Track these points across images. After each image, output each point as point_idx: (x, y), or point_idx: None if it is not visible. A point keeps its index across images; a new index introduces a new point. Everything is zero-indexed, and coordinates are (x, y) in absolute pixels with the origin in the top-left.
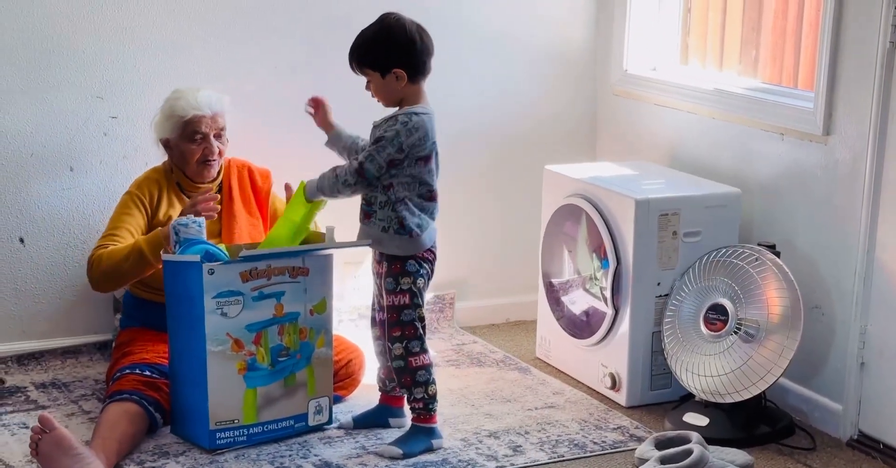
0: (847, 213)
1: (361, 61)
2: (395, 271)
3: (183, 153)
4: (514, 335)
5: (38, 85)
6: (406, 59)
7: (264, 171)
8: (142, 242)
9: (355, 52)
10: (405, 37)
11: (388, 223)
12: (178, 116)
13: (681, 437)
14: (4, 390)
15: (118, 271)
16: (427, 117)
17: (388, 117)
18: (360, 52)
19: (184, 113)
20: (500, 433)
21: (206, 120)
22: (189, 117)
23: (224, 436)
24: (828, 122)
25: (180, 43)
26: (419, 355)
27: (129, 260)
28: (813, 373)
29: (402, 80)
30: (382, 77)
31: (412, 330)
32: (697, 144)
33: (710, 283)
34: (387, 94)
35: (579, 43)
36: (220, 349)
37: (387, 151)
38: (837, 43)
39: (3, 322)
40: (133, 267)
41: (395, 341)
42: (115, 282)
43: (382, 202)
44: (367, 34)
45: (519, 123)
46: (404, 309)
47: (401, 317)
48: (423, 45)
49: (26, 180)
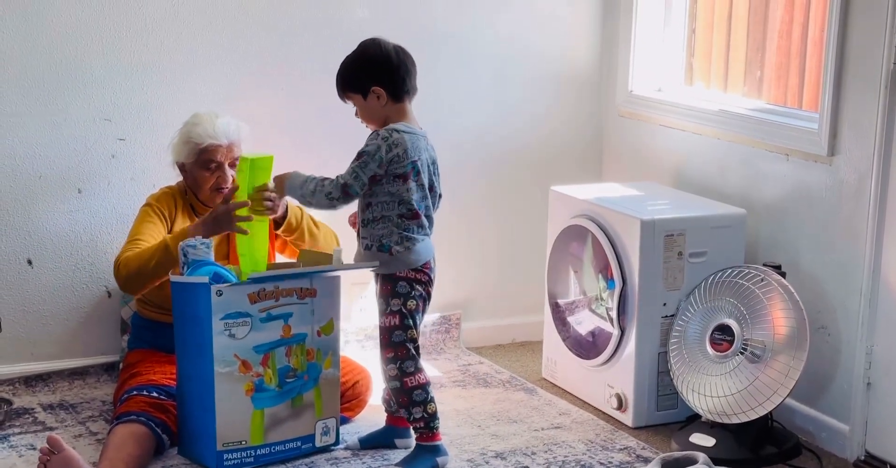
0: (852, 234)
1: (343, 86)
2: (384, 292)
3: (196, 179)
4: (520, 356)
5: (47, 107)
6: (383, 77)
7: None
8: (168, 239)
9: (338, 79)
10: (380, 54)
11: (370, 241)
12: (195, 143)
13: (687, 458)
14: (12, 412)
15: (145, 270)
16: (409, 136)
17: (371, 133)
18: (341, 78)
19: (200, 140)
20: (507, 454)
21: (221, 149)
22: (205, 145)
23: (231, 458)
24: (833, 143)
25: (187, 65)
26: (414, 375)
27: (155, 258)
28: (819, 394)
29: (382, 98)
30: (364, 98)
31: (404, 351)
32: (703, 165)
33: (715, 304)
34: (370, 115)
35: (585, 64)
36: (228, 370)
37: (369, 167)
38: (842, 64)
39: (11, 343)
40: (160, 265)
41: (388, 362)
42: (142, 282)
43: (366, 220)
44: (346, 60)
45: (524, 144)
46: (394, 330)
47: (392, 338)
48: (400, 62)
49: (34, 202)
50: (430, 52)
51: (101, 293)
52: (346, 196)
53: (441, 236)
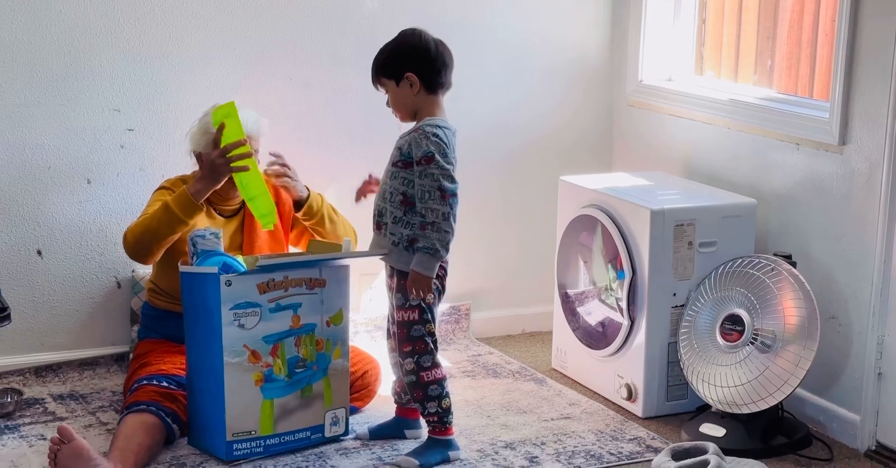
0: (863, 223)
1: (378, 70)
2: (404, 286)
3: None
4: (529, 346)
5: (56, 98)
6: (418, 65)
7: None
8: (169, 200)
9: (374, 64)
10: (419, 43)
11: (398, 238)
12: (214, 133)
13: (697, 448)
14: (22, 402)
15: (149, 233)
16: (448, 132)
17: (413, 130)
18: (377, 62)
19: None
20: (517, 444)
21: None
22: None
23: (241, 448)
24: (843, 132)
25: (197, 55)
26: (431, 370)
27: (156, 218)
28: (830, 384)
29: (416, 86)
30: (397, 84)
31: (422, 345)
32: (713, 155)
33: (725, 294)
34: (401, 103)
35: (595, 54)
36: (237, 360)
37: (447, 160)
38: (853, 52)
39: (22, 334)
40: (163, 226)
41: (406, 356)
42: (148, 245)
43: (396, 217)
44: (385, 46)
45: (534, 134)
46: (414, 324)
47: (410, 333)
48: (438, 54)
49: (44, 193)
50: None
51: (110, 283)
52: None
53: None
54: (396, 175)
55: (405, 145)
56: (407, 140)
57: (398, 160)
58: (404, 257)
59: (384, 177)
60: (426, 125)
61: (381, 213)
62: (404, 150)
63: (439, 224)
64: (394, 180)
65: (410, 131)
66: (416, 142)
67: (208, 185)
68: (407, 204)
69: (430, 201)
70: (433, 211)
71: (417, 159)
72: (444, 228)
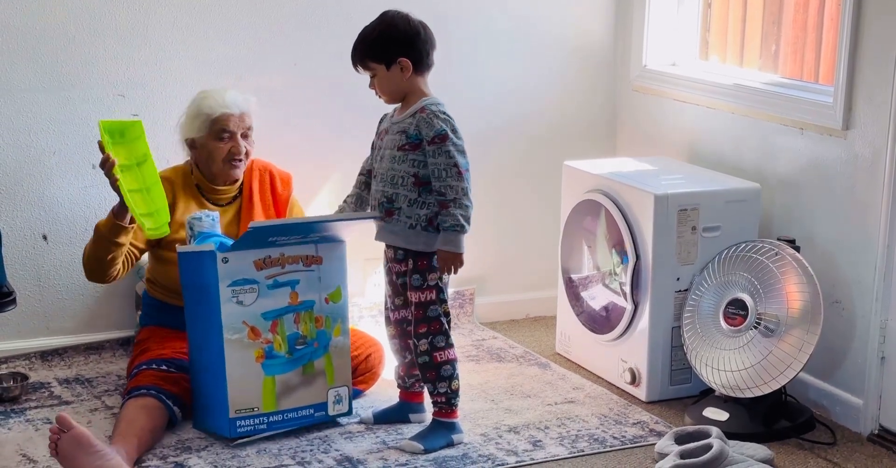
0: (867, 208)
1: (365, 55)
2: (421, 267)
3: (210, 152)
4: (533, 331)
5: (61, 83)
6: (410, 49)
7: (285, 176)
8: (99, 222)
9: (358, 48)
10: (408, 27)
11: (415, 220)
12: (206, 114)
13: (701, 432)
14: (28, 386)
15: (90, 256)
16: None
17: (418, 110)
18: (364, 47)
19: (211, 111)
20: (520, 428)
21: (234, 118)
22: (217, 115)
23: (244, 424)
24: (847, 117)
25: (201, 40)
26: (444, 350)
27: (93, 241)
28: (833, 368)
29: (408, 70)
30: (387, 69)
31: (437, 325)
32: (717, 139)
33: (729, 278)
34: (392, 87)
35: (599, 38)
36: (237, 337)
37: (458, 136)
38: (857, 37)
39: (27, 318)
40: (98, 248)
41: (420, 337)
42: (95, 267)
43: (411, 200)
44: (369, 29)
45: (538, 119)
46: (430, 305)
47: (427, 313)
48: (427, 36)
49: (49, 177)
50: (443, 27)
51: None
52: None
53: None
54: (404, 158)
55: (410, 127)
56: (412, 122)
57: (405, 143)
58: (422, 238)
59: (385, 163)
60: (429, 104)
61: (392, 198)
62: (410, 132)
63: (460, 200)
64: (402, 164)
65: (411, 113)
66: (427, 122)
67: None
68: (420, 184)
69: (448, 179)
70: (452, 188)
71: (430, 139)
72: (464, 203)
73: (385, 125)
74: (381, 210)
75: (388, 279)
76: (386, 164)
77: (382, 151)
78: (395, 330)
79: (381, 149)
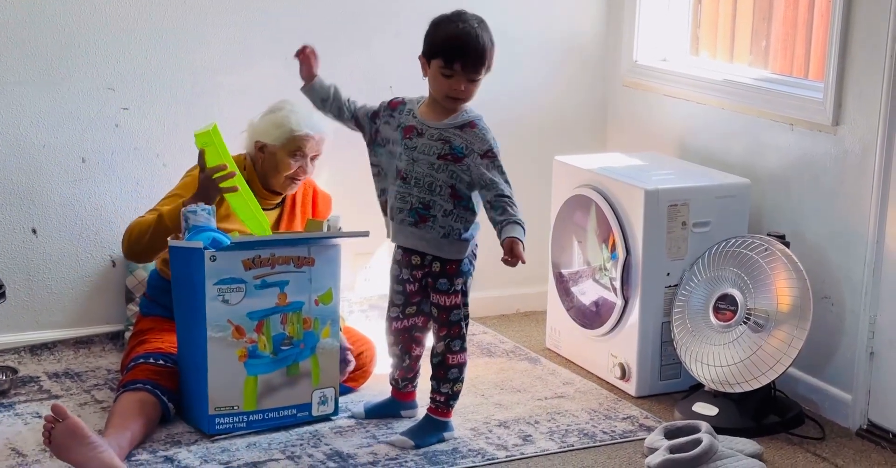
0: (856, 203)
1: (489, 61)
2: (450, 272)
3: (278, 163)
4: (523, 326)
5: (50, 76)
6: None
7: (327, 197)
8: (164, 212)
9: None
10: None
11: (448, 230)
12: (290, 129)
13: (690, 427)
14: (17, 380)
15: (142, 240)
16: None
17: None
18: (489, 54)
19: (298, 128)
20: (510, 423)
21: (312, 141)
22: (301, 134)
23: (223, 422)
24: (837, 113)
25: (192, 34)
26: (458, 354)
27: (152, 228)
28: (822, 363)
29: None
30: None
31: (457, 329)
32: (707, 135)
33: (719, 274)
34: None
35: (589, 34)
36: (221, 335)
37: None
38: (847, 33)
39: (17, 312)
40: (156, 237)
41: (439, 340)
42: (142, 251)
43: (447, 211)
44: (487, 36)
45: (528, 114)
46: (454, 309)
47: (450, 317)
48: None
49: (38, 171)
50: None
51: (105, 262)
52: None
53: None
54: (443, 168)
55: (456, 139)
56: (460, 135)
57: (447, 153)
58: (455, 246)
59: (422, 168)
60: (477, 120)
61: (429, 205)
62: (456, 145)
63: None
64: (441, 173)
65: (458, 125)
66: (480, 138)
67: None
68: (455, 197)
69: (502, 188)
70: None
71: (482, 152)
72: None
73: (411, 122)
74: (412, 214)
75: (402, 287)
76: (423, 169)
77: (415, 154)
78: (401, 337)
79: (412, 150)
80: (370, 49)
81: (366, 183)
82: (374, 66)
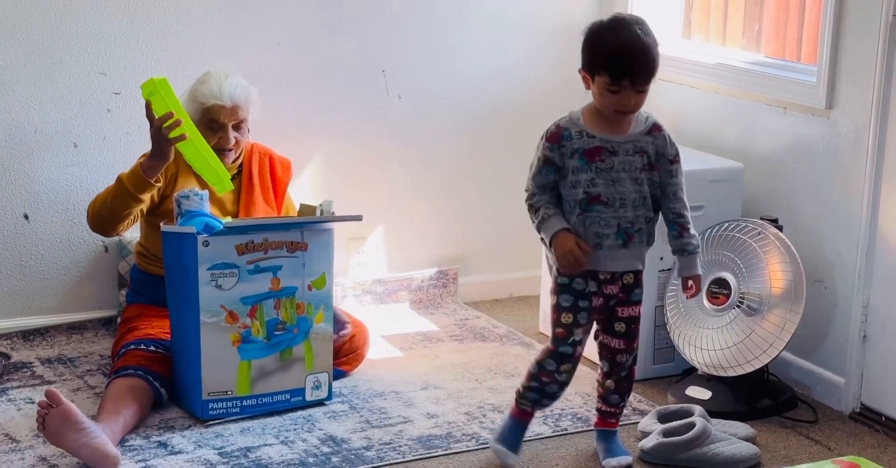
0: (850, 187)
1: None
2: (641, 282)
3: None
4: (517, 310)
5: (42, 61)
6: None
7: (285, 162)
8: (123, 175)
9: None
10: None
11: (649, 237)
12: (199, 102)
13: (683, 411)
14: (10, 366)
15: (104, 207)
16: None
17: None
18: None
19: (203, 100)
20: (504, 407)
21: (224, 110)
22: (208, 105)
23: (217, 407)
24: (830, 96)
25: (183, 19)
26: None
27: (112, 193)
28: (815, 347)
29: None
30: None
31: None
32: (700, 119)
33: (712, 257)
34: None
35: (582, 18)
36: (214, 320)
37: None
38: (840, 16)
39: (9, 298)
40: (116, 201)
41: (625, 353)
42: (106, 220)
43: (648, 218)
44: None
45: (521, 99)
46: (639, 319)
47: (638, 327)
48: None
49: (30, 156)
50: (427, 7)
51: (98, 248)
52: None
53: (438, 191)
54: (646, 180)
55: (648, 146)
56: (650, 141)
57: (645, 164)
58: (646, 253)
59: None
60: (657, 120)
61: (634, 221)
62: (650, 152)
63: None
64: (644, 186)
65: (644, 130)
66: (669, 141)
67: (158, 160)
68: (654, 203)
69: (684, 199)
70: (687, 208)
71: (672, 157)
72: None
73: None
74: (621, 237)
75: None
76: (627, 187)
77: (613, 174)
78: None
79: (608, 172)
80: (362, 33)
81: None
82: (366, 50)
